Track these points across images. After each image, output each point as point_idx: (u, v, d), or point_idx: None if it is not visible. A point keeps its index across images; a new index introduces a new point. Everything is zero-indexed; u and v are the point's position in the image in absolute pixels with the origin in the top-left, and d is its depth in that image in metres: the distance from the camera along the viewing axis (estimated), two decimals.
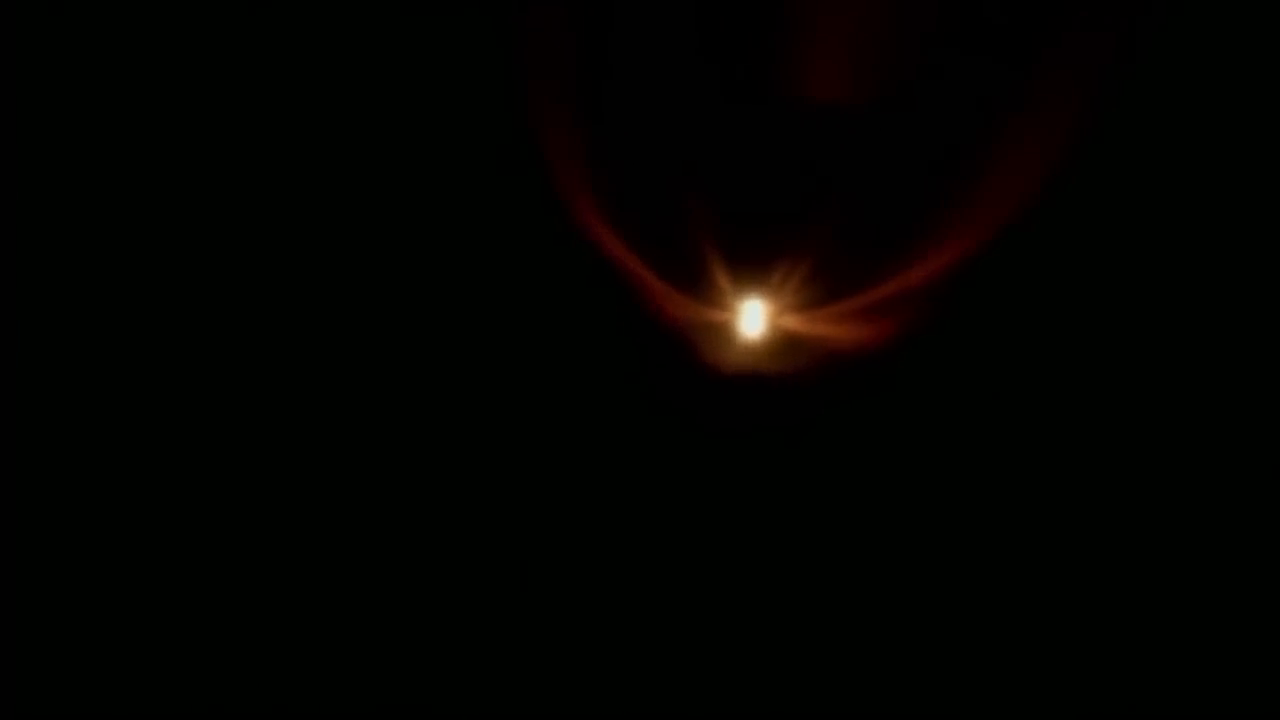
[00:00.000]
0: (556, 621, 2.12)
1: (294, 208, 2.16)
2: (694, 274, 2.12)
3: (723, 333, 2.14)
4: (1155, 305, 2.11)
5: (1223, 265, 2.10)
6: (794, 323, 2.13)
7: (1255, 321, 2.09)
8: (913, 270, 2.09)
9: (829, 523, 2.13)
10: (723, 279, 2.11)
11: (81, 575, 2.11)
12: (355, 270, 2.16)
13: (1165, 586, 2.08)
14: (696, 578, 2.12)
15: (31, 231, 2.14)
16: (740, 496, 2.13)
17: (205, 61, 2.15)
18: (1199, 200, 2.10)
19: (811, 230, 2.10)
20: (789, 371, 2.13)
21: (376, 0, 2.13)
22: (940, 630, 2.10)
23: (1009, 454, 2.11)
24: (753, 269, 2.11)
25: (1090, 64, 2.07)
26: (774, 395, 2.14)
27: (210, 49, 2.15)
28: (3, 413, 2.12)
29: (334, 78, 2.16)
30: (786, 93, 2.10)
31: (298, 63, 2.15)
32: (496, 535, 2.14)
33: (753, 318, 2.13)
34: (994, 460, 2.11)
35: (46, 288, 2.14)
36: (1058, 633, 2.08)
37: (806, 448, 2.13)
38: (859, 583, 2.12)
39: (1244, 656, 2.05)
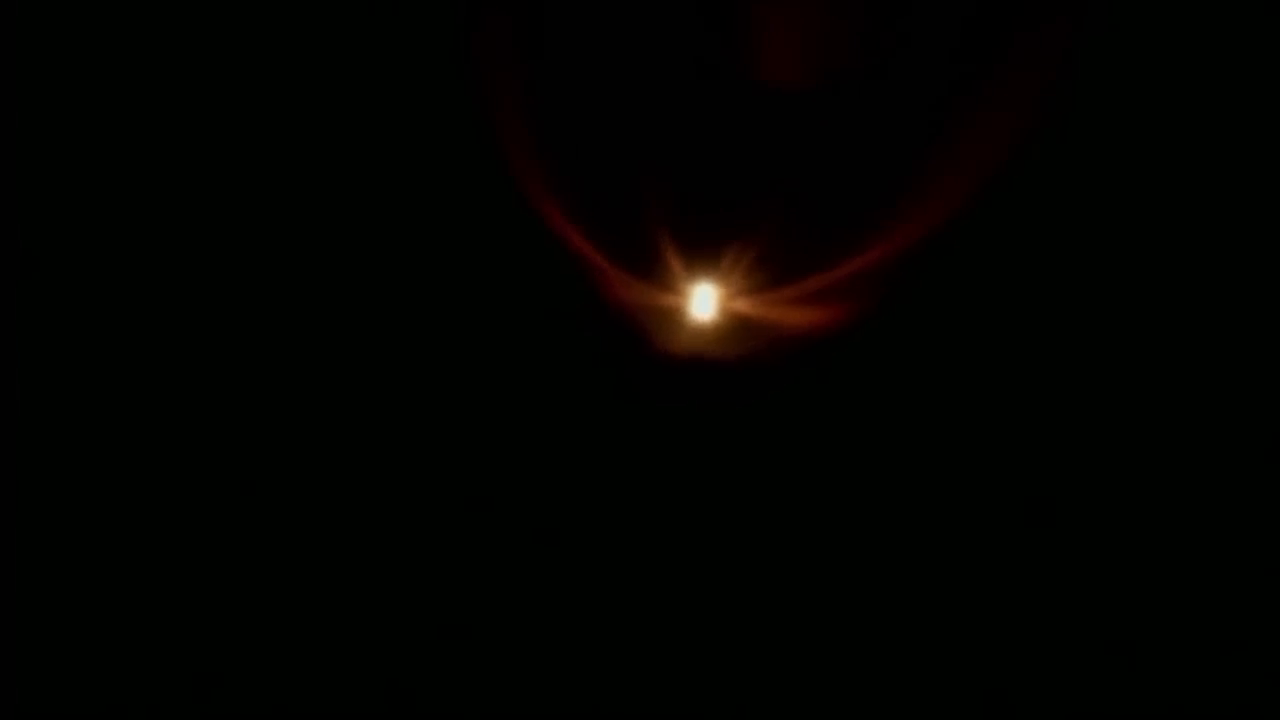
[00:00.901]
0: (515, 611, 2.11)
1: (248, 205, 2.16)
2: (644, 257, 2.10)
3: (673, 316, 2.12)
4: (1113, 290, 2.09)
5: (1183, 249, 2.09)
6: (746, 307, 2.11)
7: (1208, 295, 2.08)
8: (866, 254, 2.07)
9: (782, 507, 2.11)
10: (673, 262, 2.09)
11: (81, 575, 2.10)
12: (306, 255, 2.14)
13: (1133, 572, 2.07)
14: (651, 562, 2.11)
15: (30, 231, 2.13)
16: (693, 482, 2.11)
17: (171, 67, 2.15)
18: (1159, 183, 2.09)
19: (763, 214, 2.08)
20: (740, 356, 2.11)
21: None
22: (901, 620, 2.08)
23: (963, 438, 2.10)
24: (703, 252, 2.09)
25: (1049, 47, 2.05)
26: (725, 380, 2.12)
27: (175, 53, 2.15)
28: (3, 413, 2.12)
29: (289, 70, 2.15)
30: (738, 75, 2.08)
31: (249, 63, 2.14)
32: (449, 523, 2.12)
33: (704, 301, 2.11)
34: (949, 444, 2.10)
35: (45, 288, 2.13)
36: (1017, 617, 2.07)
37: (758, 432, 2.11)
38: (814, 567, 2.10)
39: (1243, 656, 2.03)
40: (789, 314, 2.09)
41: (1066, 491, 2.08)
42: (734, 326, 2.11)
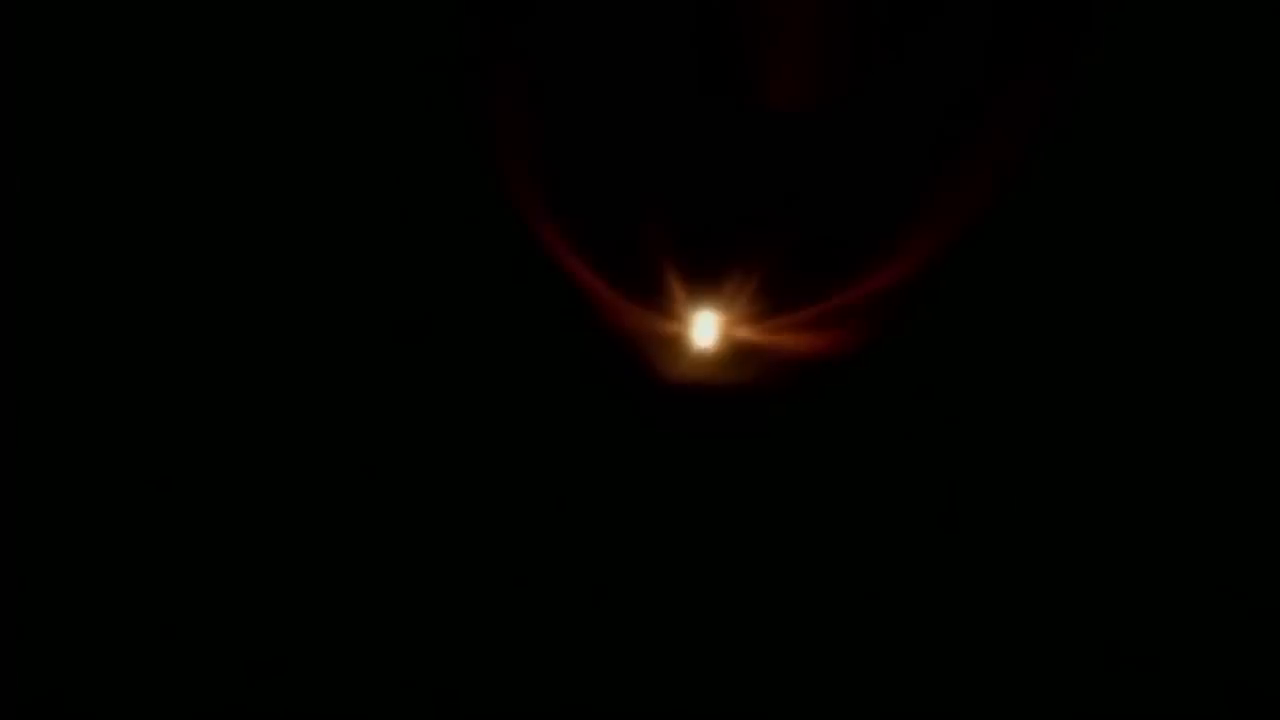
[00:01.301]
0: (517, 636, 2.09)
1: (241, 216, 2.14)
2: (645, 284, 2.09)
3: (675, 343, 2.11)
4: (1121, 316, 2.09)
5: (1187, 277, 2.09)
6: (748, 333, 2.10)
7: (1208, 325, 2.08)
8: (868, 280, 2.07)
9: (786, 533, 2.10)
10: (675, 289, 2.08)
11: (81, 575, 2.08)
12: (308, 274, 2.13)
13: (1139, 588, 2.07)
14: (655, 589, 2.09)
15: (30, 231, 2.11)
16: (694, 509, 2.10)
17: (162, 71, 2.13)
18: (1165, 204, 2.09)
19: (765, 240, 2.07)
20: (743, 382, 2.10)
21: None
22: (903, 642, 2.07)
23: (966, 463, 2.09)
24: (705, 279, 2.09)
25: (1054, 69, 2.05)
26: (727, 407, 2.11)
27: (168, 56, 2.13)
28: (3, 413, 2.10)
29: (294, 81, 2.14)
30: (739, 100, 2.07)
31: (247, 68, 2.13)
32: (451, 548, 2.11)
33: (705, 328, 2.10)
34: (952, 470, 2.09)
35: (44, 288, 2.12)
36: (1021, 638, 2.06)
37: (761, 459, 2.10)
38: (819, 592, 2.09)
39: (1243, 656, 2.03)
40: (791, 340, 2.09)
41: (1071, 517, 2.07)
42: (736, 353, 2.10)
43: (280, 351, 2.13)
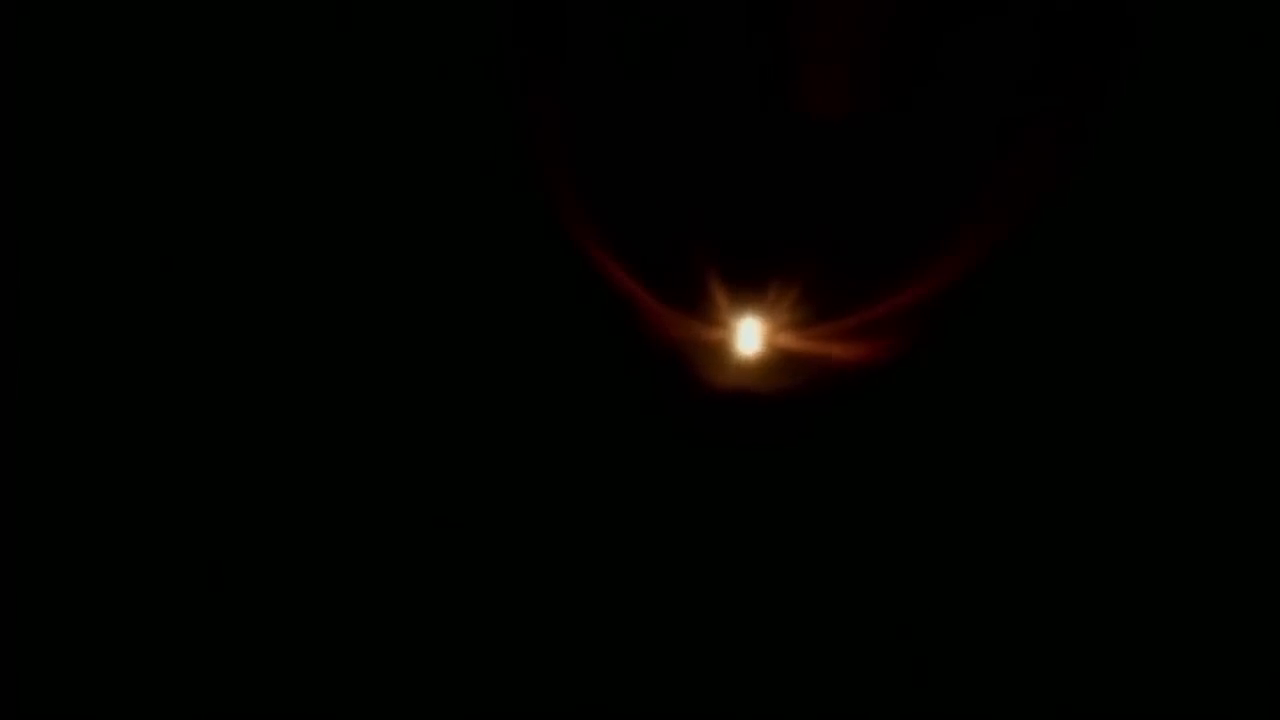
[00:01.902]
0: (545, 640, 2.10)
1: (271, 218, 2.15)
2: (688, 292, 2.08)
3: (718, 351, 2.10)
4: (1163, 325, 2.07)
5: (1229, 285, 2.07)
6: (791, 340, 2.09)
7: (1253, 333, 2.07)
8: (912, 288, 2.06)
9: (826, 542, 2.10)
10: (718, 297, 2.08)
11: (81, 575, 2.09)
12: (345, 289, 2.13)
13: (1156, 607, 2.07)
14: (691, 596, 2.10)
15: (30, 232, 2.11)
16: (737, 517, 2.11)
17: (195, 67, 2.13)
18: (1206, 216, 2.07)
19: (808, 247, 2.06)
20: (786, 390, 2.10)
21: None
22: (938, 646, 2.08)
23: (1008, 472, 2.09)
24: (748, 286, 2.08)
25: (1093, 78, 2.03)
26: (770, 414, 2.11)
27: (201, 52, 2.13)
28: (3, 413, 2.11)
29: (323, 82, 2.13)
30: (781, 108, 2.06)
31: (277, 66, 2.12)
32: (485, 551, 2.12)
33: (749, 335, 2.09)
34: (993, 478, 2.09)
35: (45, 288, 2.12)
36: (1053, 656, 2.07)
37: (803, 467, 2.10)
38: (856, 599, 2.09)
39: (1244, 656, 2.03)
40: (835, 348, 2.08)
41: (1115, 525, 2.07)
42: (779, 361, 2.10)
43: (305, 355, 2.14)
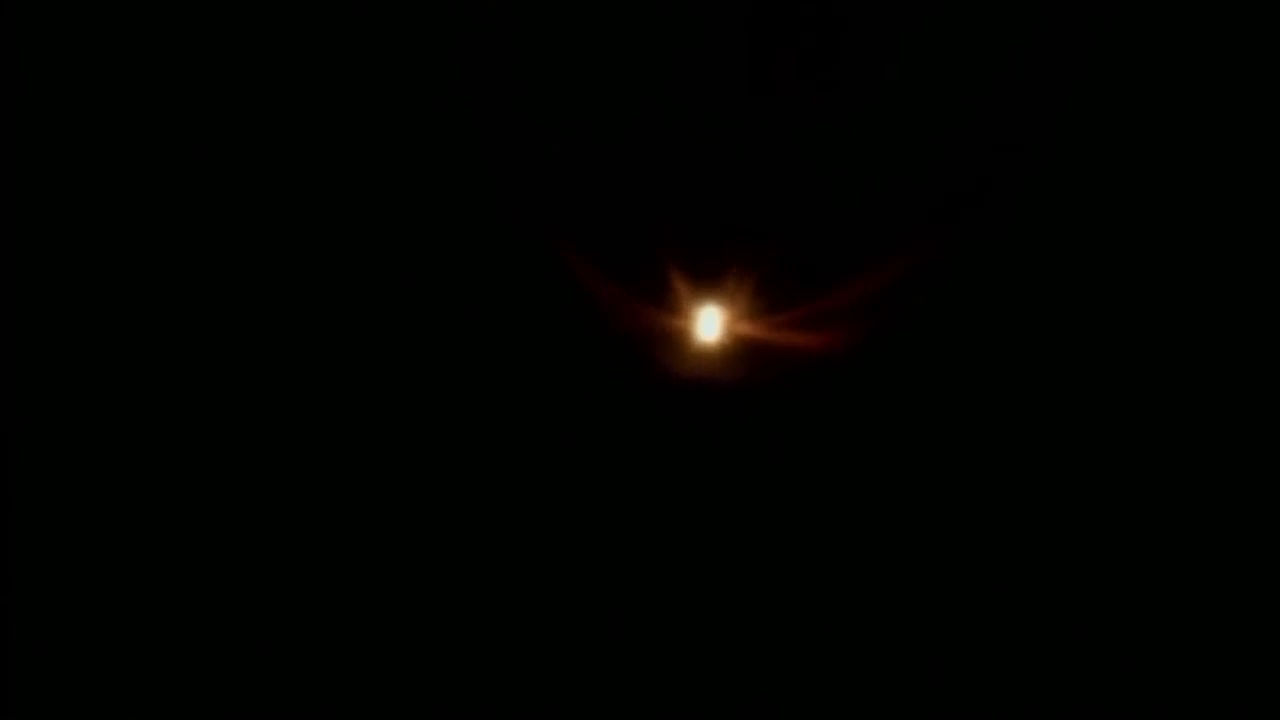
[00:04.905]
0: (517, 634, 2.09)
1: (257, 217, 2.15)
2: (649, 281, 2.10)
3: (678, 339, 2.12)
4: (1120, 312, 2.10)
5: (1186, 272, 2.10)
6: (751, 329, 2.11)
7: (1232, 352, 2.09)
8: (870, 276, 2.08)
9: (787, 528, 2.11)
10: (678, 286, 2.10)
11: (81, 575, 2.08)
12: (310, 275, 2.14)
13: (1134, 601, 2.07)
14: (657, 583, 2.10)
15: (31, 232, 2.12)
16: (698, 503, 2.11)
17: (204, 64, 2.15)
18: (1163, 203, 2.10)
19: (767, 237, 2.09)
20: (745, 378, 2.11)
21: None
22: (903, 638, 2.08)
23: (966, 459, 2.10)
24: (708, 276, 2.10)
25: (1059, 70, 2.07)
26: (730, 402, 2.12)
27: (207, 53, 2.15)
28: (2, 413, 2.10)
29: (314, 81, 2.15)
30: (744, 98, 2.09)
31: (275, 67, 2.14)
32: (452, 545, 2.11)
33: (709, 324, 2.11)
34: (952, 466, 2.10)
35: (46, 288, 2.12)
36: (1021, 635, 2.07)
37: (763, 454, 2.11)
38: (818, 587, 2.09)
39: (1244, 657, 2.04)
40: (794, 336, 2.10)
41: (1070, 510, 2.08)
42: (739, 349, 2.11)
43: (276, 352, 2.14)
